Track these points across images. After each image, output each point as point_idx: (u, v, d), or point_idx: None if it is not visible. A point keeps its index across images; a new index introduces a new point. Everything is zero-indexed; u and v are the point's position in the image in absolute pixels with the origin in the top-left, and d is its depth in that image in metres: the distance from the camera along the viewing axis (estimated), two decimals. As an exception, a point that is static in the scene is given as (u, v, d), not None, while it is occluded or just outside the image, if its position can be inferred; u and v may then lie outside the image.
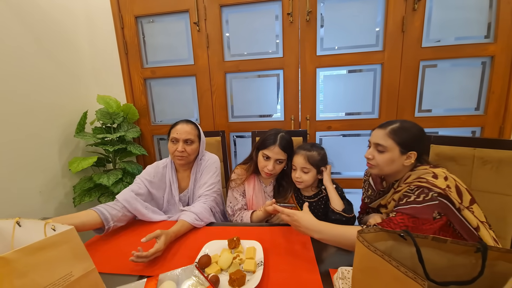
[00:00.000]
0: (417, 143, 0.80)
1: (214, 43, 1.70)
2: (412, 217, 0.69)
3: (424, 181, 0.73)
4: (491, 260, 0.41)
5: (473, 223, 0.72)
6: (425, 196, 0.70)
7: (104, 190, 1.66)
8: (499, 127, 1.56)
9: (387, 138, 0.79)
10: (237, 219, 1.08)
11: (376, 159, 0.82)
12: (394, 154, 0.79)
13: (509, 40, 1.44)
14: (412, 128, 0.80)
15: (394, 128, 0.79)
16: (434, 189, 0.70)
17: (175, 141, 1.05)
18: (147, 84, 1.86)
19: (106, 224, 0.87)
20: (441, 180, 0.73)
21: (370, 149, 0.86)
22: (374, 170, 0.86)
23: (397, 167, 0.81)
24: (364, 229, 0.44)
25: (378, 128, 0.84)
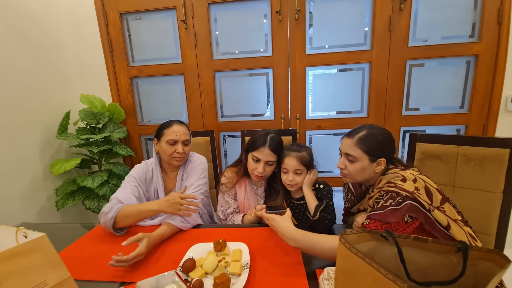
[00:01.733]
0: (385, 149, 0.81)
1: (202, 41, 1.67)
2: (384, 223, 0.69)
3: (392, 185, 0.74)
4: (473, 259, 0.41)
5: (443, 223, 0.72)
6: (392, 201, 0.71)
7: (88, 193, 1.61)
8: (483, 124, 1.61)
9: (355, 148, 0.80)
10: (228, 223, 1.06)
11: (348, 168, 0.83)
12: (364, 162, 0.80)
13: (494, 39, 1.48)
14: (378, 135, 0.80)
15: (361, 137, 0.80)
16: (401, 193, 0.71)
17: (173, 142, 1.02)
18: (133, 83, 1.81)
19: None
20: (409, 183, 0.73)
21: (342, 159, 0.86)
22: (347, 179, 0.87)
23: (369, 174, 0.82)
24: (346, 230, 0.44)
25: (346, 137, 0.85)
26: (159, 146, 1.04)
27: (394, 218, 0.69)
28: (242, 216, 1.03)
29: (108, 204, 0.92)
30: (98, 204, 1.59)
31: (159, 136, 1.05)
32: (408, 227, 0.70)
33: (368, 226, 0.70)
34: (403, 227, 0.70)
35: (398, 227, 0.69)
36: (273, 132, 1.04)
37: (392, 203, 0.70)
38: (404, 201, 0.70)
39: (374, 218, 0.71)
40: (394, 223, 0.69)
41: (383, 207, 0.71)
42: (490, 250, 0.39)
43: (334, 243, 0.68)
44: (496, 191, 0.94)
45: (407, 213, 0.69)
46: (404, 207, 0.69)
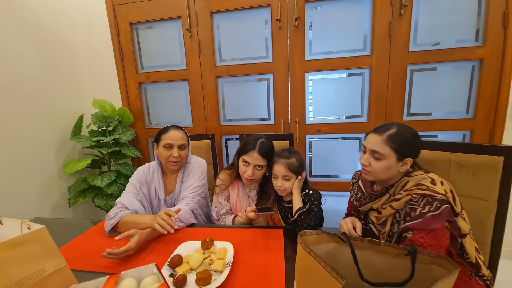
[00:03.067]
0: (413, 149, 0.78)
1: (205, 48, 1.75)
2: (429, 231, 0.67)
3: (424, 188, 0.71)
4: (424, 264, 0.43)
5: (464, 230, 0.71)
6: (430, 207, 0.68)
7: (98, 191, 1.72)
8: (490, 130, 1.56)
9: (384, 145, 0.76)
10: (220, 223, 1.11)
11: (372, 166, 0.79)
12: (391, 161, 0.76)
13: (499, 43, 1.44)
14: (408, 133, 0.77)
15: (391, 134, 0.76)
16: (437, 196, 0.68)
17: (169, 147, 1.09)
18: (141, 88, 1.91)
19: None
20: (439, 185, 0.71)
21: (366, 156, 0.81)
22: (369, 176, 0.83)
23: (393, 173, 0.78)
24: (306, 231, 0.47)
25: (374, 133, 0.80)
26: (158, 150, 1.11)
27: (437, 223, 0.66)
28: (233, 218, 1.07)
29: (114, 209, 1.00)
30: (106, 202, 1.69)
31: (157, 141, 1.12)
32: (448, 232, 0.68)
33: (416, 240, 0.66)
34: (446, 233, 0.67)
35: (444, 234, 0.67)
36: (264, 137, 1.08)
37: (430, 208, 0.67)
38: (442, 204, 0.68)
39: (416, 229, 0.67)
40: (438, 229, 0.66)
41: (421, 214, 0.68)
42: (439, 256, 0.41)
43: None
44: (490, 199, 0.92)
45: (447, 218, 0.67)
46: (444, 211, 0.67)
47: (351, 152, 1.75)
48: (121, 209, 0.98)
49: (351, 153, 1.75)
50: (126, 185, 1.10)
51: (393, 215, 0.79)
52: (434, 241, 0.65)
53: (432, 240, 0.65)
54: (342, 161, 1.77)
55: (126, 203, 1.01)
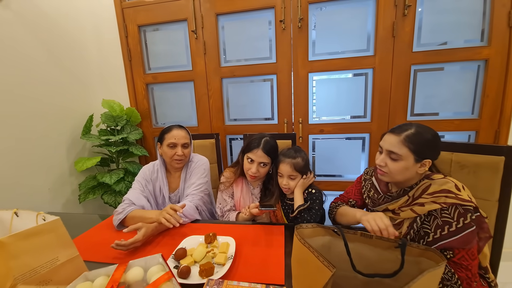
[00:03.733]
0: (432, 150, 0.75)
1: (210, 50, 1.79)
2: (468, 249, 0.65)
3: (452, 196, 0.68)
4: (415, 256, 0.45)
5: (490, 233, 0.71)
6: (464, 219, 0.66)
7: (106, 188, 1.78)
8: (495, 131, 1.54)
9: (401, 146, 0.73)
10: (225, 220, 1.14)
11: (388, 166, 0.76)
12: (409, 162, 0.73)
13: (504, 43, 1.43)
14: (427, 133, 0.74)
15: (409, 135, 0.73)
16: (467, 205, 0.67)
17: (173, 146, 1.13)
18: (149, 89, 1.97)
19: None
20: (463, 191, 0.69)
21: (383, 156, 0.79)
22: (385, 177, 0.80)
23: (410, 175, 0.76)
24: (302, 225, 0.50)
25: (391, 133, 0.78)
26: (162, 149, 1.15)
27: (474, 237, 0.65)
28: (237, 214, 1.10)
29: (122, 205, 1.05)
30: (114, 199, 1.75)
31: (161, 140, 1.16)
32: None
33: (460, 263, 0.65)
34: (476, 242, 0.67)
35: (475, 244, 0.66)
36: (268, 136, 1.11)
37: (465, 221, 0.66)
38: (474, 214, 0.66)
39: (456, 247, 0.65)
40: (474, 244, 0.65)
41: (458, 230, 0.65)
42: (428, 248, 0.43)
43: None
44: (491, 199, 0.93)
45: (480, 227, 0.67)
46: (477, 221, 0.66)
47: (354, 152, 1.76)
48: (128, 205, 1.03)
49: (354, 153, 1.76)
50: (133, 183, 1.15)
51: (413, 219, 0.77)
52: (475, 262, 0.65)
53: (472, 260, 0.65)
54: (345, 161, 1.78)
55: (133, 199, 1.05)
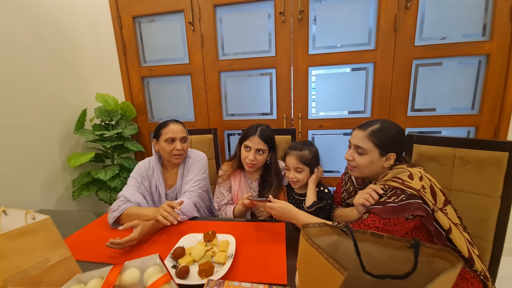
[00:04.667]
0: (396, 144, 0.80)
1: (208, 42, 1.74)
2: (383, 218, 0.70)
3: (399, 181, 0.73)
4: (428, 257, 0.43)
5: (445, 225, 0.71)
6: (396, 198, 0.71)
7: (101, 185, 1.73)
8: (495, 127, 1.54)
9: (366, 140, 0.79)
10: (222, 213, 1.12)
11: (356, 160, 0.82)
12: (374, 156, 0.79)
13: (506, 38, 1.41)
14: (391, 129, 0.79)
15: (374, 130, 0.79)
16: (407, 190, 0.70)
17: (171, 140, 1.10)
18: (144, 83, 1.91)
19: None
20: (416, 180, 0.73)
21: (350, 151, 0.85)
22: (354, 172, 0.86)
23: (376, 168, 0.81)
24: (309, 224, 0.47)
25: (358, 129, 0.83)
26: (159, 145, 1.12)
27: (394, 215, 0.70)
28: (234, 208, 1.08)
29: (116, 202, 1.01)
30: (110, 196, 1.71)
31: (157, 136, 1.12)
32: (409, 223, 0.71)
33: (366, 220, 0.72)
34: (402, 223, 0.70)
35: (397, 223, 0.70)
36: (264, 125, 1.13)
37: (395, 199, 0.70)
38: (409, 199, 0.70)
39: (373, 212, 0.72)
40: (393, 218, 0.70)
41: (385, 202, 0.72)
42: (442, 248, 0.41)
43: None
44: (493, 195, 0.92)
45: (410, 212, 0.69)
46: (407, 205, 0.69)
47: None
48: (123, 202, 0.99)
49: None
50: (128, 179, 1.11)
51: None
52: (381, 225, 0.70)
53: (381, 224, 0.70)
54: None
55: (129, 196, 1.02)
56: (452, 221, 0.75)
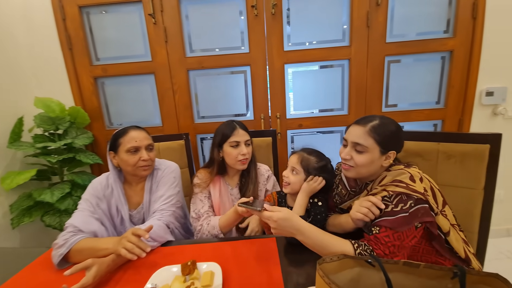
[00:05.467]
0: (396, 141, 0.74)
1: (173, 37, 1.55)
2: (395, 232, 0.63)
3: (403, 186, 0.66)
4: (470, 284, 0.35)
5: (445, 228, 0.68)
6: (403, 205, 0.64)
7: (48, 208, 1.44)
8: (459, 119, 1.63)
9: (367, 137, 0.71)
10: (203, 223, 0.96)
11: (354, 159, 0.73)
12: (374, 154, 0.71)
13: (468, 34, 1.49)
14: (391, 124, 0.73)
15: (375, 126, 0.71)
16: (413, 195, 0.64)
17: (135, 150, 0.92)
18: (98, 84, 1.65)
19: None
20: (418, 183, 0.67)
21: (348, 149, 0.75)
22: (350, 172, 0.76)
23: (375, 168, 0.74)
24: (325, 258, 0.36)
25: (356, 124, 0.75)
26: (118, 158, 0.92)
27: (406, 225, 0.62)
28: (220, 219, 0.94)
29: (63, 234, 0.79)
30: (60, 220, 1.43)
31: (115, 147, 0.93)
32: (418, 232, 0.64)
33: (381, 237, 0.63)
34: (413, 233, 0.64)
35: (410, 235, 0.63)
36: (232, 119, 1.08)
37: (403, 207, 0.64)
38: (417, 204, 0.64)
39: (384, 226, 0.64)
40: (406, 230, 0.63)
41: (393, 212, 0.64)
42: (489, 274, 0.33)
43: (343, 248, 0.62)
44: (477, 187, 0.93)
45: (419, 219, 0.63)
46: (416, 212, 0.63)
47: (333, 146, 1.72)
48: (73, 234, 0.78)
49: (333, 147, 1.72)
50: (78, 203, 0.90)
51: None
52: (398, 242, 0.62)
53: (397, 240, 0.62)
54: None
55: (79, 224, 0.81)
56: (451, 222, 0.71)
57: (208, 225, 0.94)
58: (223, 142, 1.01)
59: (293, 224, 0.64)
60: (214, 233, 0.92)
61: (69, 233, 0.79)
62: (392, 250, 0.61)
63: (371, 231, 0.66)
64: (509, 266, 1.47)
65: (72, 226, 0.81)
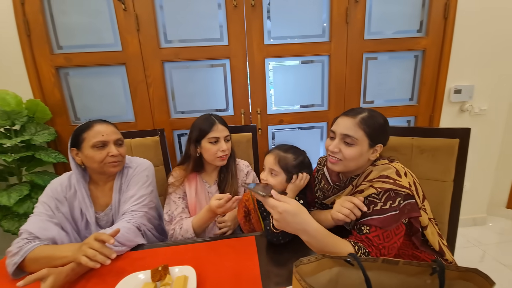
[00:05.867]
0: (384, 134, 0.73)
1: (145, 26, 1.44)
2: (385, 231, 0.62)
3: (390, 181, 0.65)
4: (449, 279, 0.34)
5: (424, 222, 0.69)
6: (392, 203, 0.63)
7: (5, 212, 1.29)
8: (429, 115, 1.71)
9: (357, 129, 0.69)
10: (175, 227, 0.91)
11: (342, 152, 0.70)
12: (363, 147, 0.69)
13: (439, 34, 1.55)
14: (380, 117, 0.72)
15: (365, 118, 0.70)
16: (400, 191, 0.64)
17: (102, 145, 0.83)
18: (61, 75, 1.50)
19: None
20: (403, 177, 0.67)
21: (336, 141, 0.72)
22: (337, 166, 0.73)
23: (363, 162, 0.72)
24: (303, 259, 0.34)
25: (345, 116, 0.72)
26: (82, 155, 0.84)
27: (396, 223, 0.62)
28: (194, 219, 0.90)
29: (17, 242, 0.71)
30: (19, 225, 1.29)
31: (77, 143, 0.83)
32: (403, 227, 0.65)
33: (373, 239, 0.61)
34: (400, 229, 0.64)
35: (398, 232, 0.63)
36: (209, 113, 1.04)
37: (392, 205, 0.63)
38: (405, 200, 0.63)
39: (374, 225, 0.62)
40: (394, 228, 0.62)
41: (383, 210, 0.63)
42: (469, 269, 0.32)
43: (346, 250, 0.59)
44: (447, 180, 0.97)
45: (406, 215, 0.63)
46: (403, 208, 0.63)
47: (313, 142, 1.72)
48: (27, 241, 0.70)
49: (314, 142, 1.73)
50: (35, 206, 0.80)
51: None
52: (388, 243, 0.62)
53: (386, 242, 0.62)
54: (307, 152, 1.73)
55: (35, 230, 0.72)
56: (429, 216, 0.73)
57: (181, 229, 0.89)
58: (201, 138, 0.97)
59: (301, 221, 0.55)
60: (188, 237, 0.89)
61: (23, 240, 0.70)
62: (383, 253, 0.61)
63: (361, 230, 0.65)
64: (476, 254, 1.58)
65: (27, 232, 0.72)
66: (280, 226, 0.56)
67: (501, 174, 1.86)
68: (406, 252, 0.73)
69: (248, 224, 0.90)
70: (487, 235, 1.76)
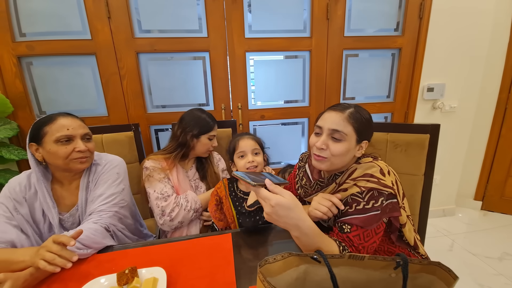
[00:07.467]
0: (370, 130, 0.72)
1: (117, 13, 1.35)
2: (365, 230, 0.62)
3: (374, 181, 0.65)
4: (413, 273, 0.34)
5: (403, 220, 0.69)
6: (375, 203, 0.63)
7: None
8: (404, 112, 1.77)
9: (346, 124, 0.66)
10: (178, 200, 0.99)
11: (330, 149, 0.67)
12: (351, 143, 0.67)
13: (414, 34, 1.61)
14: (365, 113, 0.71)
15: (352, 112, 0.68)
16: (384, 190, 0.63)
17: (67, 140, 0.77)
18: (23, 64, 1.37)
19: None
20: (387, 176, 0.66)
21: (323, 137, 0.68)
22: (323, 164, 0.70)
23: (349, 159, 0.70)
24: (268, 258, 0.32)
25: (332, 111, 0.70)
26: (44, 151, 0.77)
27: (376, 222, 0.62)
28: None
29: None
30: (-25, 228, 1.17)
31: (37, 138, 0.76)
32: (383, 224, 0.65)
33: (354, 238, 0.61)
34: (380, 228, 0.64)
35: (378, 231, 0.63)
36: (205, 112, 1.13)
37: (375, 204, 0.63)
38: (387, 200, 0.63)
39: (356, 224, 0.62)
40: (375, 228, 0.62)
41: (365, 210, 0.63)
42: (431, 263, 0.33)
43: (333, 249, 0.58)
44: (418, 174, 1.01)
45: (387, 214, 0.63)
46: (385, 208, 0.63)
47: (295, 137, 1.73)
48: None
49: (295, 138, 1.74)
50: None
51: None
52: (367, 244, 0.63)
53: (365, 242, 0.63)
54: (287, 147, 1.73)
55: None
56: (407, 213, 0.74)
57: (188, 202, 1.00)
58: (203, 133, 1.07)
59: (294, 216, 0.51)
60: (196, 207, 1.01)
61: None
62: (362, 253, 0.61)
63: (342, 229, 0.64)
64: (445, 243, 1.68)
65: None
66: (270, 219, 0.52)
67: (469, 167, 1.98)
68: (382, 247, 0.75)
69: (219, 213, 0.89)
70: (456, 225, 1.87)
